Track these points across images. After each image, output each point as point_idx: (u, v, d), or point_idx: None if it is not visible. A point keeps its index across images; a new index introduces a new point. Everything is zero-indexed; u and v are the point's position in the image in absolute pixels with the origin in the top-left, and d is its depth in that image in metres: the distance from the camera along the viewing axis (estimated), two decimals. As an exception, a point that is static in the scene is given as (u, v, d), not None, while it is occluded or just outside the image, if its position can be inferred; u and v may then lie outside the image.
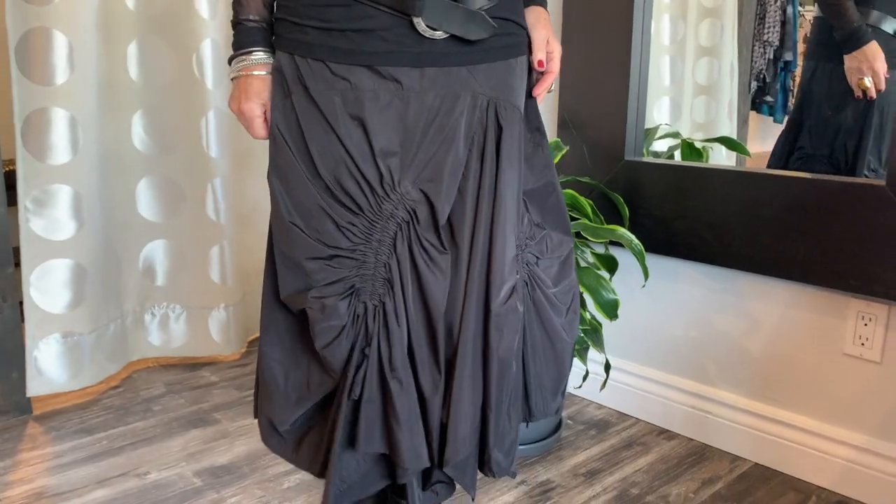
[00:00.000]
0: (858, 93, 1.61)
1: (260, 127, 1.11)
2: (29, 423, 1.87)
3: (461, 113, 1.04)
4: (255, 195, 2.34)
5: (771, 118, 2.00)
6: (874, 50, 1.59)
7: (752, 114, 2.02)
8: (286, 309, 1.14)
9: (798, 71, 1.90)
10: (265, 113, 1.10)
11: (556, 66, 1.16)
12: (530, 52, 1.14)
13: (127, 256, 2.13)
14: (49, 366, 1.92)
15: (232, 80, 1.11)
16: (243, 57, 1.09)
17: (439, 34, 1.02)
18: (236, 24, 1.10)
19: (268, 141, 1.11)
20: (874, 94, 1.60)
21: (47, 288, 1.90)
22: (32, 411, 1.93)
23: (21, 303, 1.88)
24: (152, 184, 2.12)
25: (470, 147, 1.06)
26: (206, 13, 2.04)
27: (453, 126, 1.04)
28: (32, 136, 1.83)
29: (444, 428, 1.09)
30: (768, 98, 1.99)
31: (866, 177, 1.63)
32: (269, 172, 1.10)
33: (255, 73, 1.08)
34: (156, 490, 1.57)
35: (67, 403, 1.98)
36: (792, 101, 1.93)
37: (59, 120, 1.85)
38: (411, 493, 1.15)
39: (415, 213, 1.05)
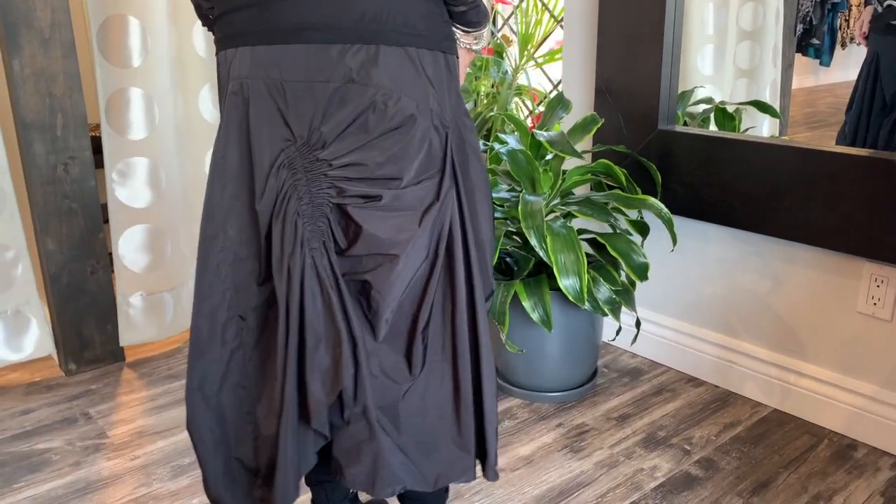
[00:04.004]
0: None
1: None
2: (123, 370, 2.13)
3: None
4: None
5: (817, 60, 2.05)
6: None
7: (798, 56, 2.07)
8: None
9: (847, 12, 1.94)
10: None
11: None
12: None
13: (199, 219, 2.33)
14: (137, 319, 2.16)
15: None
16: None
17: None
18: None
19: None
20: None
21: (132, 250, 2.12)
22: (125, 359, 2.19)
23: (112, 261, 2.12)
24: (220, 152, 2.30)
25: None
26: (264, -9, 2.18)
27: None
28: (114, 114, 2.03)
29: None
30: (814, 41, 2.03)
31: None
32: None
33: None
34: (239, 430, 1.81)
35: (155, 352, 2.23)
36: (839, 43, 1.98)
37: (137, 99, 2.04)
38: None
39: None
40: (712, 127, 2.02)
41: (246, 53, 0.96)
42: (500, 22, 3.19)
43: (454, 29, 1.04)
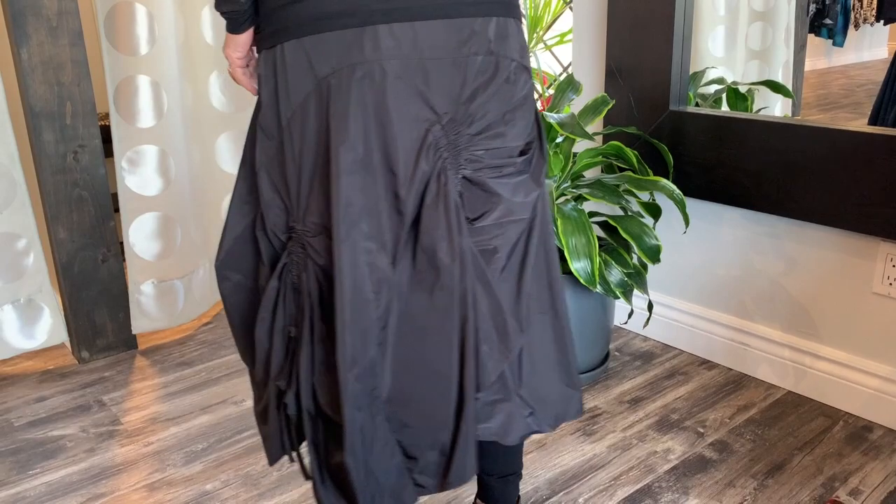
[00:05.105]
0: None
1: None
2: (136, 357, 2.14)
3: None
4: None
5: (830, 41, 2.02)
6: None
7: (810, 37, 2.04)
8: None
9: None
10: None
11: None
12: None
13: (209, 207, 2.34)
14: (149, 306, 2.17)
15: None
16: None
17: None
18: None
19: None
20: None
21: (143, 238, 2.13)
22: (138, 346, 2.19)
23: (123, 249, 2.12)
24: (230, 139, 2.30)
25: None
26: (271, -24, 2.17)
27: None
28: (123, 101, 2.02)
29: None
30: (827, 21, 2.00)
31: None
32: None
33: None
34: (251, 416, 1.81)
35: (167, 339, 2.24)
36: (853, 23, 1.95)
37: (145, 86, 2.04)
38: None
39: None
40: (724, 108, 2.00)
41: (362, 35, 0.90)
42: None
43: None
